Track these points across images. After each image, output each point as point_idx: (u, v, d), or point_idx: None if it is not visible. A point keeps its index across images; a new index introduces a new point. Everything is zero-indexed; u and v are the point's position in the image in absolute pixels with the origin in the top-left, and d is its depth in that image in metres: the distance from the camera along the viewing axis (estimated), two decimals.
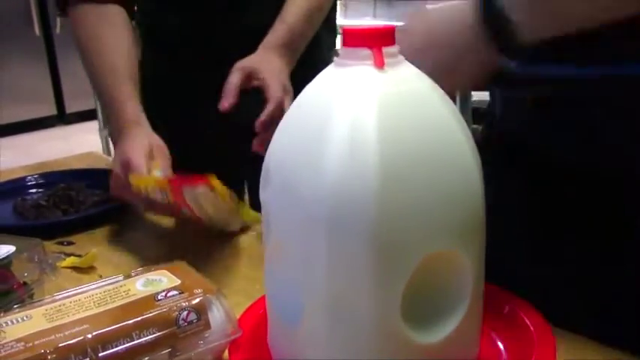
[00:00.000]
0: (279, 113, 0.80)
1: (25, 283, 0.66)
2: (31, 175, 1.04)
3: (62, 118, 4.48)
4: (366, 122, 0.42)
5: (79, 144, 3.51)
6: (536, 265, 0.63)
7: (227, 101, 0.82)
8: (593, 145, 0.56)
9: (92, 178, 1.01)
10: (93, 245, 0.79)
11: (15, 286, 0.65)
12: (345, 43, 0.45)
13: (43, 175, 1.04)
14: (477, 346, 0.48)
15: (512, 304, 0.54)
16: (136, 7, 1.18)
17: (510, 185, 0.63)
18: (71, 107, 4.45)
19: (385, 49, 0.44)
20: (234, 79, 0.84)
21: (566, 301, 0.59)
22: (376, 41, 0.44)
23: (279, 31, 0.91)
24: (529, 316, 0.52)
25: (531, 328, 0.50)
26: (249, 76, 0.84)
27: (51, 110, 4.43)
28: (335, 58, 0.46)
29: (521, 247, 0.64)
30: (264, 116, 0.80)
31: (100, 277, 0.71)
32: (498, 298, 0.54)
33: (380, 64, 0.44)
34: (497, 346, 0.51)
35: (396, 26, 0.46)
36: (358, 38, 0.44)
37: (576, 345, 0.53)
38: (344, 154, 0.41)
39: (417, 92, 0.44)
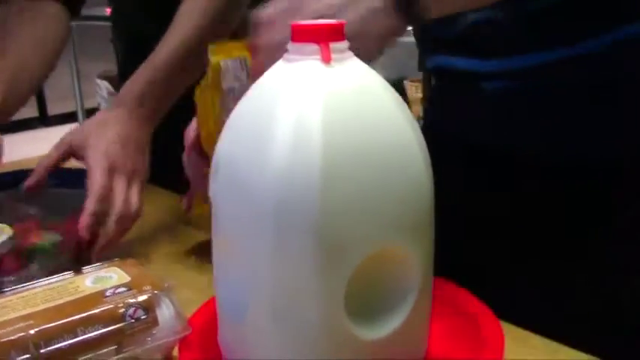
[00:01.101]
0: (104, 205, 0.70)
1: None
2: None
3: (44, 120, 4.45)
4: (311, 118, 0.41)
5: None
6: (504, 263, 0.63)
7: (32, 181, 0.77)
8: (554, 140, 0.56)
9: (62, 177, 1.00)
10: None
11: None
12: (293, 39, 0.45)
13: (10, 174, 1.03)
14: (425, 344, 0.48)
15: (461, 298, 0.53)
16: (110, 9, 1.17)
17: (465, 181, 0.63)
18: (53, 109, 4.43)
19: (333, 45, 0.44)
20: (50, 157, 0.78)
21: (530, 299, 0.59)
22: (324, 37, 0.44)
23: (135, 83, 0.81)
24: (478, 310, 0.51)
25: (480, 324, 0.50)
26: (72, 153, 0.78)
27: (33, 112, 4.40)
28: (284, 54, 0.46)
29: (487, 248, 0.64)
30: (83, 221, 0.68)
31: None
32: (448, 294, 0.54)
33: (327, 60, 0.43)
34: (446, 342, 0.51)
35: None
36: (306, 34, 0.44)
37: (527, 343, 0.53)
38: (288, 149, 0.41)
39: (364, 88, 0.44)
